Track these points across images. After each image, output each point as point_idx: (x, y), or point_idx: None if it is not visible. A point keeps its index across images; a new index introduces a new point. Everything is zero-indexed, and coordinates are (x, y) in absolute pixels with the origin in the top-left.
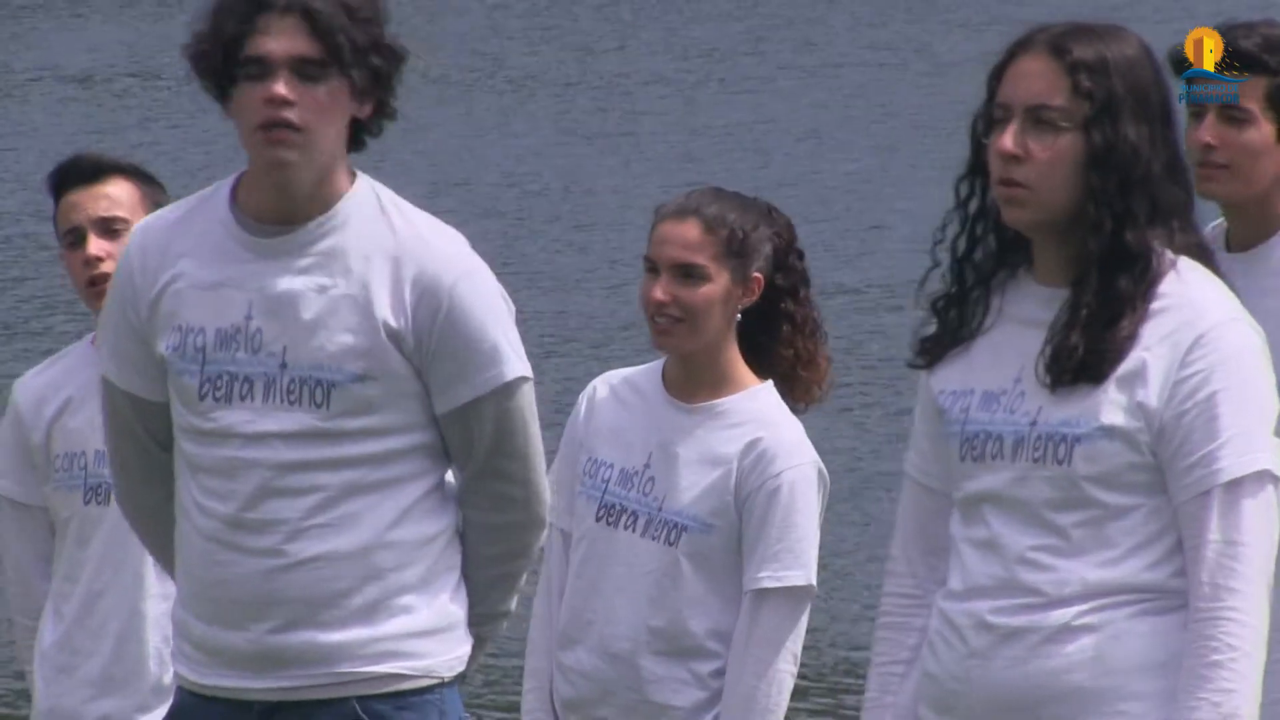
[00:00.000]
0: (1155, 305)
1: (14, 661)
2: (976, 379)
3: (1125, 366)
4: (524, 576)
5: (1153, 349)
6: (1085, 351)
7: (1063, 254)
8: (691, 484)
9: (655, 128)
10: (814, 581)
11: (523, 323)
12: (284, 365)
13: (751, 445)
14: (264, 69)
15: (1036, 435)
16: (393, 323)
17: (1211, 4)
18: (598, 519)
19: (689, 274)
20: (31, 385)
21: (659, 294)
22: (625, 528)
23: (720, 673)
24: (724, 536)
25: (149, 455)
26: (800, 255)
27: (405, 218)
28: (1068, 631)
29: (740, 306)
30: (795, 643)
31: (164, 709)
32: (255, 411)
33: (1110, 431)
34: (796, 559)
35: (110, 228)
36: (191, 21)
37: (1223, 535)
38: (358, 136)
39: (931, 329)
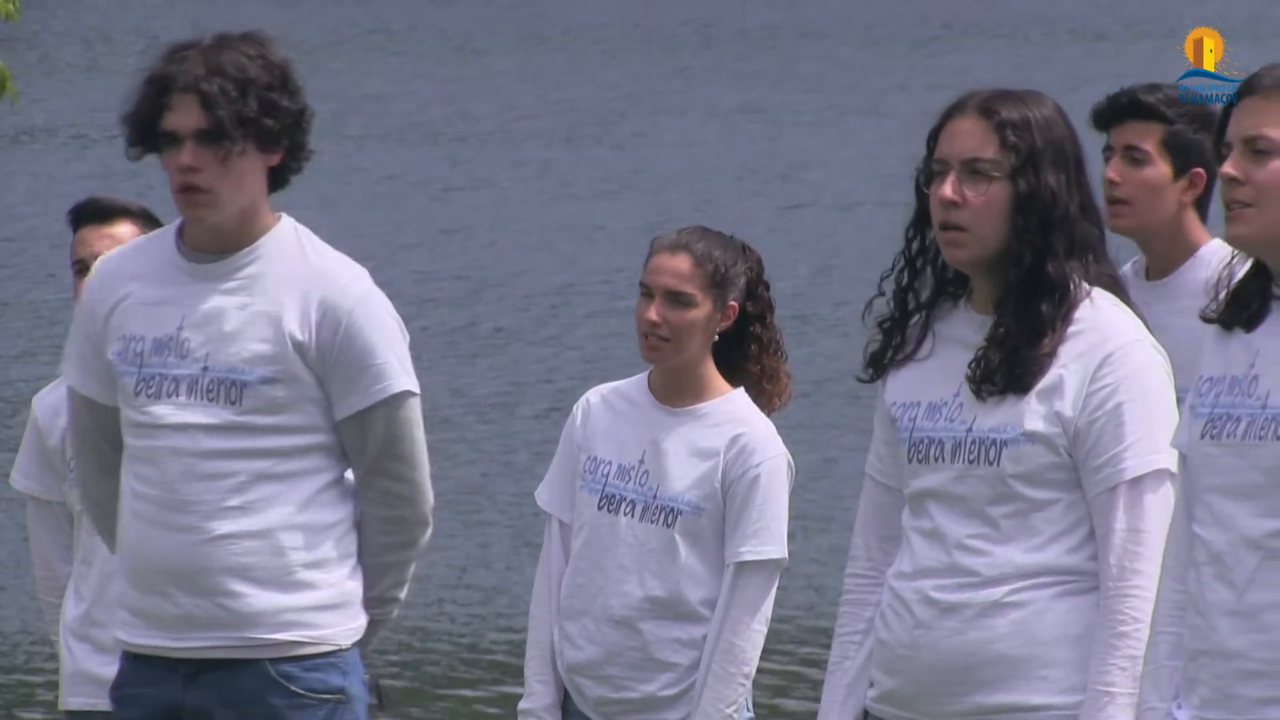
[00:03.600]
0: (1072, 329)
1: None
2: (922, 392)
3: (1045, 381)
4: (412, 568)
5: (1068, 366)
6: (1005, 366)
7: (993, 285)
8: (682, 474)
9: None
10: (786, 555)
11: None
12: (205, 369)
13: (734, 440)
14: (174, 140)
15: (971, 440)
16: (299, 336)
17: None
18: (599, 508)
19: (679, 300)
20: (47, 399)
21: (652, 315)
22: (625, 514)
23: None
24: (712, 518)
25: (101, 454)
26: (767, 286)
27: (317, 251)
28: (998, 607)
29: (717, 329)
30: (768, 607)
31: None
32: (179, 406)
33: (1032, 436)
34: (772, 536)
35: None
36: (124, 102)
37: (1128, 524)
38: (281, 177)
39: (876, 346)
